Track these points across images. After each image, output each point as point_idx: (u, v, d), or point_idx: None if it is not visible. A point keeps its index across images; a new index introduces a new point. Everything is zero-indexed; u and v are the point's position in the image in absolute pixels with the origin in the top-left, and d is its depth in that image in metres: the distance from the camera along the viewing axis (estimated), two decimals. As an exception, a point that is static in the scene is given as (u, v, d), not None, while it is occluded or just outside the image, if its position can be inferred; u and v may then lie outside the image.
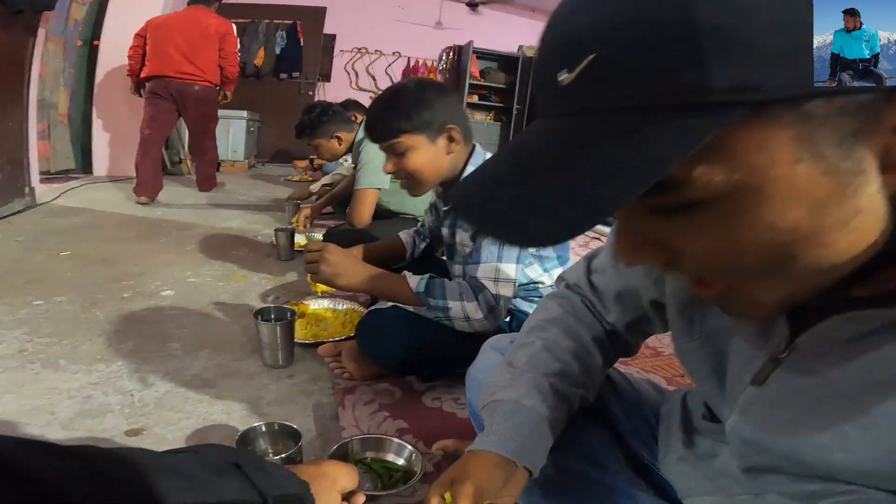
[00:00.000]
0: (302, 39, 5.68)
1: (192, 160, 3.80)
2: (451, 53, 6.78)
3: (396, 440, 0.89)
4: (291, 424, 0.86)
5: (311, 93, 5.71)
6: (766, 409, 0.39)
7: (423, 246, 1.45)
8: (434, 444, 0.92)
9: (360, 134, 2.07)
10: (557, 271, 1.17)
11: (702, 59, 0.22)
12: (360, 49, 6.55)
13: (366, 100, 6.61)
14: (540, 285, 1.17)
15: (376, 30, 6.53)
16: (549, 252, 1.14)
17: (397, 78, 6.73)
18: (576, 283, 0.65)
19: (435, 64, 6.80)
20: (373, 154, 1.91)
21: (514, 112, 6.86)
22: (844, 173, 0.25)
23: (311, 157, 4.72)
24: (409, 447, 0.87)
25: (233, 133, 4.83)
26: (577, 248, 2.69)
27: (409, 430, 1.01)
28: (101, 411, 1.00)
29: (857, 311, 0.31)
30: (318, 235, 2.30)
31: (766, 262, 0.28)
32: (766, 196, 0.25)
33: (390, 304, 1.14)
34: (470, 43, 6.50)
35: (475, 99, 6.69)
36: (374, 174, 1.93)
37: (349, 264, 1.11)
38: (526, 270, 1.14)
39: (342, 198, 2.41)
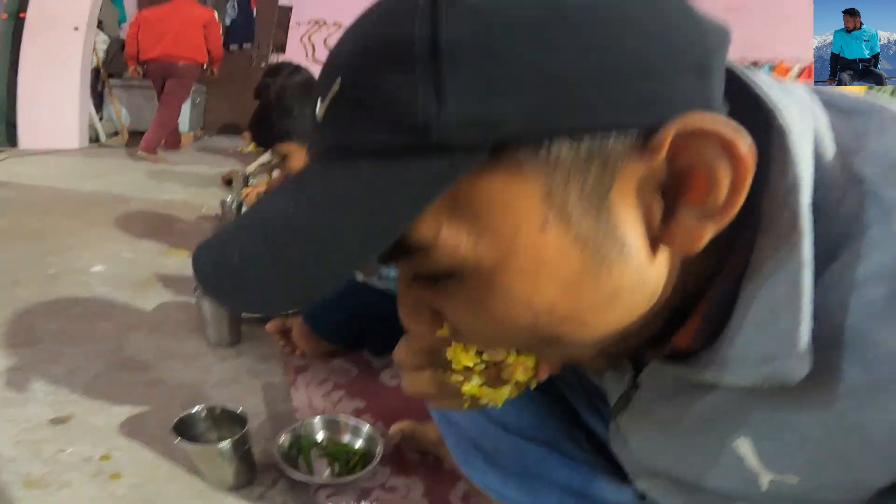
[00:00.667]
0: (255, 10, 5.46)
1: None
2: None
3: (353, 420, 0.86)
4: (235, 409, 0.81)
5: (263, 64, 5.45)
6: (625, 442, 0.40)
7: None
8: (392, 425, 0.89)
9: None
10: None
11: (441, 85, 0.19)
12: (317, 21, 6.25)
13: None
14: None
15: (337, 3, 6.26)
16: None
17: None
18: None
19: (395, 35, 6.64)
20: None
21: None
22: (596, 244, 0.22)
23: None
24: (367, 427, 0.84)
25: None
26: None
27: (366, 410, 0.98)
28: (24, 399, 0.91)
29: (660, 365, 0.31)
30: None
31: (531, 339, 0.26)
32: (516, 271, 0.23)
33: None
34: (433, 11, 6.37)
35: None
36: None
37: None
38: None
39: None
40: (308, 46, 6.37)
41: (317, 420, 0.86)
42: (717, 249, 0.24)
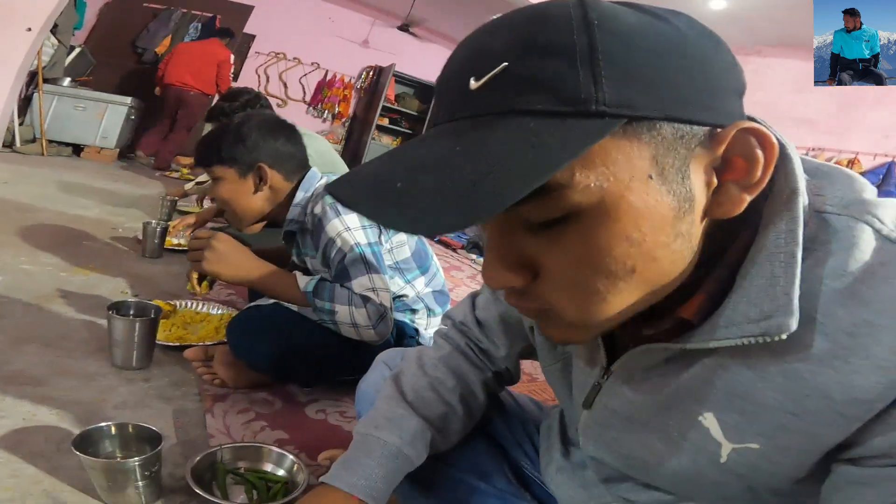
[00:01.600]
0: None
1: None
2: (372, 73, 6.85)
3: (276, 449, 0.82)
4: (150, 426, 0.74)
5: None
6: (596, 429, 0.46)
7: None
8: (320, 454, 0.85)
9: None
10: (420, 281, 1.18)
11: (597, 75, 0.28)
12: (277, 54, 6.34)
13: (272, 106, 6.31)
14: (405, 298, 1.18)
15: (300, 38, 6.39)
16: (409, 264, 1.16)
17: (311, 88, 6.58)
18: (461, 321, 0.67)
19: (353, 81, 6.80)
20: None
21: (421, 141, 7.05)
22: (680, 197, 0.31)
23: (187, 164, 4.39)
24: (291, 457, 0.80)
25: (108, 117, 4.33)
26: (466, 280, 2.78)
27: (289, 441, 0.93)
28: None
29: (646, 345, 0.38)
30: (197, 236, 2.11)
31: (610, 273, 0.32)
32: (625, 207, 0.30)
33: (270, 303, 1.09)
34: (392, 65, 6.63)
35: (385, 122, 6.78)
36: None
37: (238, 255, 1.04)
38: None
39: None
40: (262, 77, 6.40)
41: (236, 446, 0.80)
42: (721, 240, 0.34)
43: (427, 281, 1.20)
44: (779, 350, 0.32)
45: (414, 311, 1.20)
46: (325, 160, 1.94)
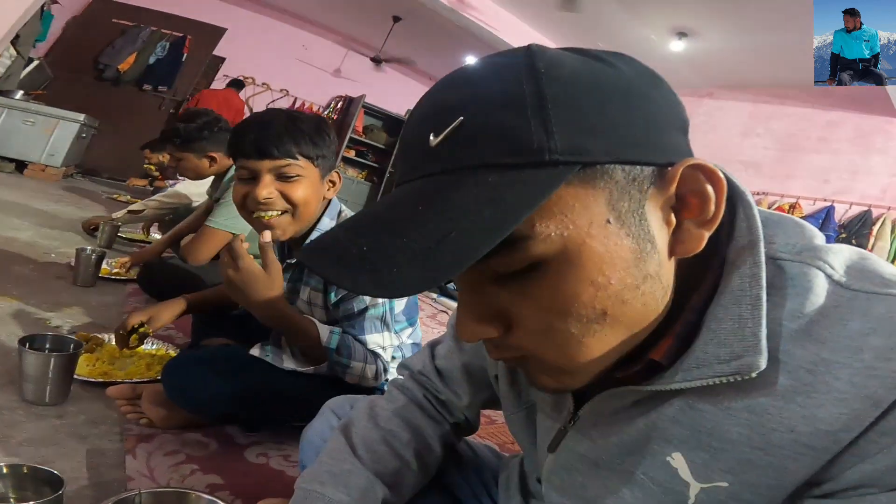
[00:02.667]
0: (186, 55, 5.41)
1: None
2: (342, 103, 6.92)
3: (206, 496, 0.72)
4: (48, 468, 0.65)
5: (172, 111, 5.31)
6: (561, 474, 0.45)
7: None
8: (259, 502, 0.77)
9: None
10: (405, 333, 1.15)
11: (548, 124, 0.29)
12: (246, 78, 6.35)
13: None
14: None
15: (271, 63, 6.45)
16: (401, 317, 1.12)
17: None
18: (420, 371, 0.66)
19: (321, 109, 6.85)
20: None
21: (387, 174, 7.11)
22: (639, 238, 0.32)
23: (152, 175, 4.25)
24: (221, 504, 0.71)
25: (57, 134, 4.16)
26: (426, 320, 2.73)
27: (224, 487, 0.84)
28: None
29: (615, 389, 0.38)
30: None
31: (581, 318, 0.33)
32: (587, 254, 0.31)
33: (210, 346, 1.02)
34: (361, 97, 6.72)
35: (352, 154, 6.83)
36: (235, 216, 1.71)
37: (264, 281, 0.92)
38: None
39: (182, 236, 2.07)
40: None
41: (158, 491, 0.71)
42: (686, 284, 0.36)
43: (409, 333, 1.17)
44: (744, 388, 0.33)
45: (392, 360, 1.15)
46: None
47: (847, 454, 0.30)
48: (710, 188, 0.33)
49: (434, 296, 3.60)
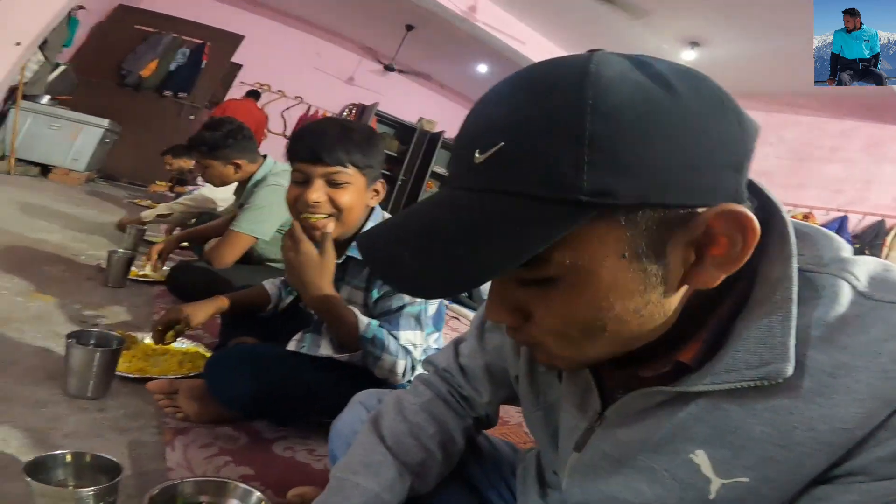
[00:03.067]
0: (205, 62, 5.49)
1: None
2: (354, 110, 6.99)
3: (242, 485, 0.78)
4: (108, 456, 0.71)
5: (192, 117, 5.41)
6: (585, 472, 0.48)
7: (289, 300, 1.41)
8: (289, 491, 0.82)
9: (262, 173, 1.95)
10: (433, 337, 1.21)
11: (581, 162, 0.31)
12: (262, 85, 6.45)
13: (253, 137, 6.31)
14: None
15: (286, 71, 6.54)
16: (429, 320, 1.18)
17: (292, 122, 6.68)
18: (445, 368, 0.69)
19: (335, 117, 6.94)
20: (268, 200, 1.82)
21: (399, 182, 7.13)
22: (650, 273, 0.35)
23: (174, 179, 4.33)
24: (257, 493, 0.77)
25: (81, 139, 4.27)
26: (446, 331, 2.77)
27: (255, 478, 0.89)
28: None
29: (645, 389, 0.41)
30: (164, 267, 2.07)
31: (584, 329, 0.38)
32: (597, 280, 0.35)
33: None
34: (374, 104, 6.77)
35: (364, 162, 6.89)
36: (259, 221, 1.83)
37: (318, 267, 1.00)
38: None
39: (206, 237, 2.16)
40: None
41: (198, 480, 0.76)
42: (714, 295, 0.38)
43: (435, 338, 1.23)
44: (769, 390, 0.35)
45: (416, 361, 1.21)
46: None
47: (857, 448, 0.33)
48: (739, 237, 0.34)
49: (446, 302, 3.64)
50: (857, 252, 0.39)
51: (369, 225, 1.13)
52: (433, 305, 1.15)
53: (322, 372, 1.03)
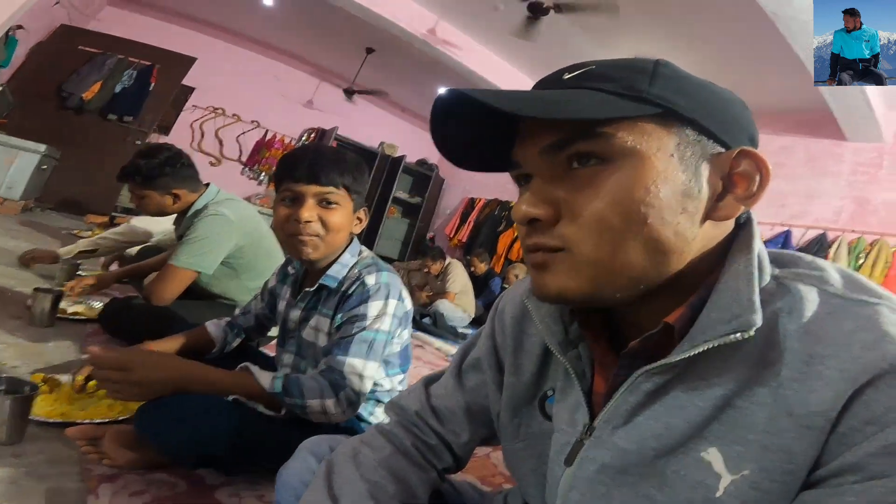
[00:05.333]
0: (153, 84, 5.32)
1: None
2: (313, 135, 6.93)
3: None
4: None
5: (138, 142, 5.21)
6: (582, 489, 0.46)
7: (236, 342, 1.36)
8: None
9: (203, 202, 1.84)
10: (397, 378, 1.17)
11: (653, 81, 0.41)
12: (216, 109, 6.30)
13: (204, 164, 6.16)
14: (379, 388, 1.16)
15: (242, 94, 6.43)
16: (395, 359, 1.16)
17: (247, 147, 6.56)
18: (417, 412, 0.66)
19: (293, 142, 6.84)
20: (211, 231, 1.73)
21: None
22: (690, 180, 0.41)
23: (115, 213, 4.14)
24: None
25: (17, 166, 4.03)
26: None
27: (192, 528, 0.82)
28: None
29: (633, 377, 0.43)
30: (97, 304, 1.95)
31: (627, 216, 0.40)
32: (650, 166, 0.40)
33: None
34: (334, 129, 6.73)
35: (323, 188, 6.82)
36: (200, 254, 1.71)
37: (161, 370, 0.95)
38: None
39: (148, 272, 2.04)
40: (197, 132, 6.29)
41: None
42: (701, 269, 0.43)
43: (401, 380, 1.21)
44: (759, 376, 0.38)
45: (378, 404, 1.17)
46: (248, 227, 1.85)
47: (835, 439, 0.34)
48: (756, 174, 0.42)
49: (411, 331, 3.60)
50: None
51: (346, 255, 1.13)
52: (396, 344, 1.12)
53: (267, 418, 0.98)
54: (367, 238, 7.23)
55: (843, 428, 0.34)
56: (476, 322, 4.66)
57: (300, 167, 1.06)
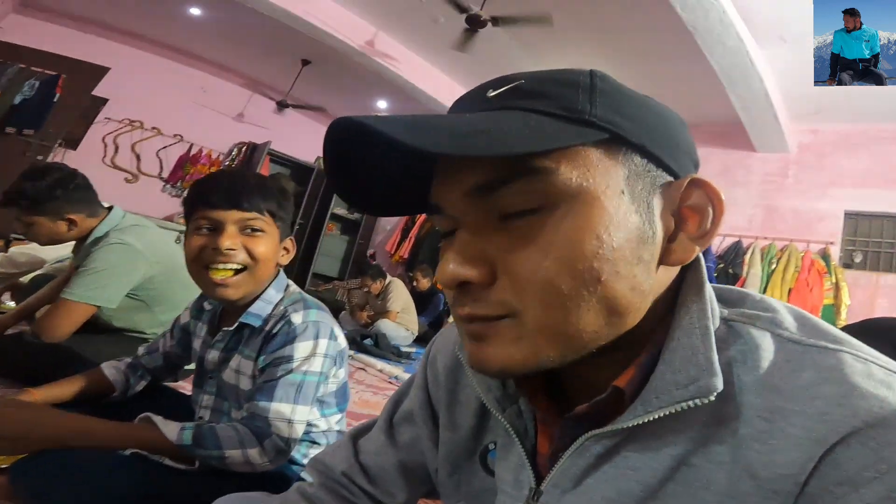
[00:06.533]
0: (59, 95, 4.89)
1: None
2: (244, 149, 6.65)
3: None
4: None
5: (40, 157, 4.75)
6: None
7: (140, 385, 1.20)
8: None
9: (104, 229, 1.63)
10: (334, 419, 1.11)
11: (593, 99, 0.35)
12: (133, 122, 5.89)
13: (118, 180, 5.73)
14: (315, 428, 1.08)
15: (163, 106, 6.05)
16: (332, 398, 1.09)
17: (169, 163, 6.19)
18: (344, 472, 0.60)
19: (221, 157, 6.52)
20: (111, 261, 1.54)
21: (297, 226, 6.86)
22: (644, 221, 0.36)
23: (14, 234, 3.73)
24: None
25: None
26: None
27: None
28: None
29: (581, 439, 0.38)
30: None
31: (578, 275, 0.34)
32: (600, 208, 0.34)
33: None
34: (267, 143, 6.49)
35: (256, 204, 6.58)
36: (99, 286, 1.52)
37: (32, 424, 0.84)
38: None
39: (40, 305, 1.78)
40: (110, 146, 5.83)
41: None
42: (651, 321, 0.38)
43: (338, 420, 1.13)
44: (716, 434, 0.35)
45: (313, 445, 1.09)
46: (159, 255, 1.66)
47: (804, 502, 0.31)
48: (709, 208, 0.37)
49: (352, 353, 3.49)
50: (721, 271, 0.41)
51: (271, 291, 1.03)
52: (331, 383, 1.05)
53: (172, 473, 0.87)
54: (305, 256, 7.02)
55: (813, 489, 0.31)
56: (420, 340, 4.60)
57: (218, 192, 0.96)
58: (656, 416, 0.35)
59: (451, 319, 4.23)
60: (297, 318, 0.97)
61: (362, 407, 2.36)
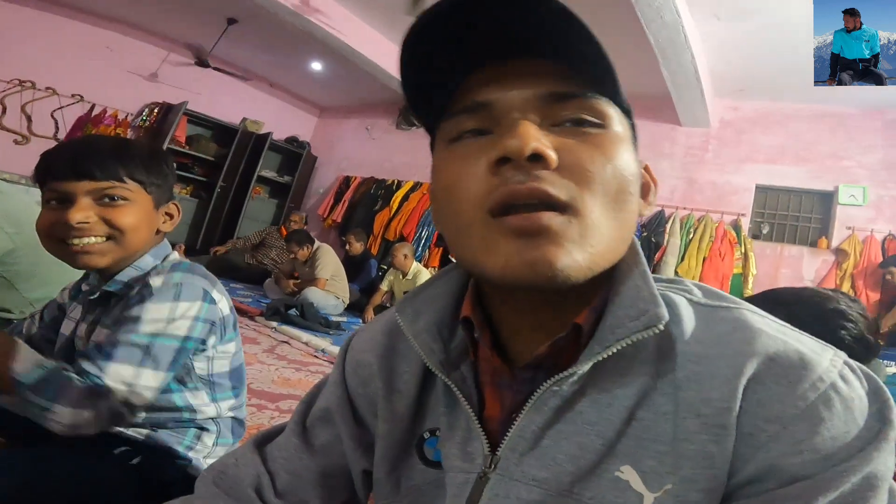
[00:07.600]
0: None
1: None
2: (157, 110, 6.15)
3: None
4: None
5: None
6: None
7: None
8: None
9: None
10: (226, 404, 1.01)
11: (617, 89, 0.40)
12: (23, 82, 5.25)
13: (6, 142, 5.15)
14: (198, 415, 0.98)
15: (59, 66, 5.49)
16: (223, 380, 1.00)
17: (66, 124, 5.60)
18: (251, 484, 0.52)
19: (129, 118, 5.95)
20: None
21: (218, 190, 6.57)
22: (629, 175, 0.40)
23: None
24: None
25: None
26: (262, 355, 2.49)
27: None
28: None
29: (549, 385, 0.39)
30: None
31: (621, 185, 0.39)
32: (626, 143, 0.40)
33: None
34: (183, 103, 6.05)
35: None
36: None
37: None
38: (187, 394, 0.96)
39: None
40: None
41: None
42: (599, 279, 0.39)
43: (233, 405, 1.03)
44: (656, 385, 0.38)
45: (203, 431, 0.99)
46: (20, 226, 1.43)
47: (742, 440, 0.35)
48: (652, 184, 0.46)
49: (274, 324, 3.33)
50: (644, 239, 0.70)
51: (147, 258, 0.94)
52: (224, 362, 0.97)
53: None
54: (230, 219, 6.68)
55: (747, 428, 0.35)
56: (351, 308, 4.49)
57: (64, 161, 0.88)
58: (614, 350, 0.38)
59: (372, 308, 4.06)
60: (156, 281, 0.88)
61: (282, 386, 2.20)
